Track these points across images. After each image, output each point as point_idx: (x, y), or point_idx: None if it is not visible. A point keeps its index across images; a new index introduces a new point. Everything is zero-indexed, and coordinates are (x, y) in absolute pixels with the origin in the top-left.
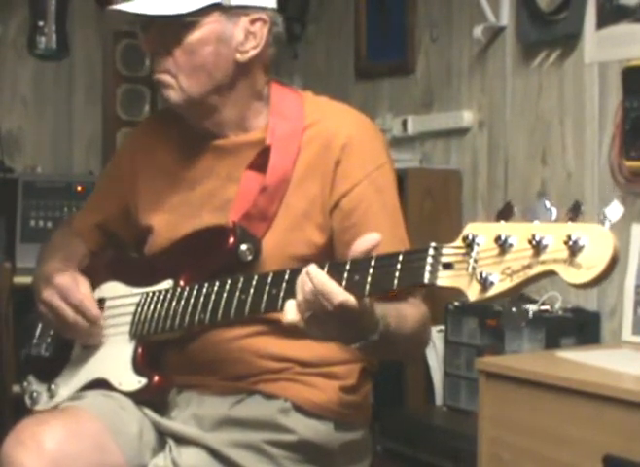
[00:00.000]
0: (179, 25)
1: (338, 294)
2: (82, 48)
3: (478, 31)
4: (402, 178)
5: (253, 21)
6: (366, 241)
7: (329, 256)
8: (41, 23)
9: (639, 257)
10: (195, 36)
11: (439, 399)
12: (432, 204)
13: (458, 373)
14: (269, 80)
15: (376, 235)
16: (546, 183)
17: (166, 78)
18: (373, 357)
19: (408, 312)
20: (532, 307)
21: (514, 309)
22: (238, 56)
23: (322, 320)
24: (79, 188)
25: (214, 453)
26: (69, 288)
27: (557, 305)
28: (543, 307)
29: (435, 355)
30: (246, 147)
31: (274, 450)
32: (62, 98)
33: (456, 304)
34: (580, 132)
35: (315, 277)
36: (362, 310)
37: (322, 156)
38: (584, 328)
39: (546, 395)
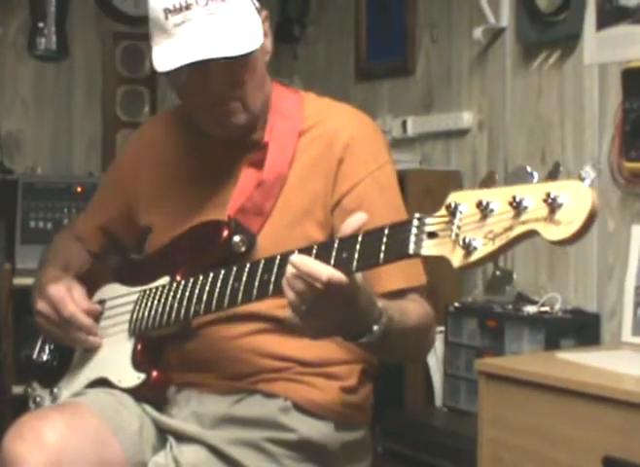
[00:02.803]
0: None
1: (323, 270)
2: (82, 49)
3: (477, 32)
4: (401, 179)
5: (265, 19)
6: (353, 222)
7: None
8: (41, 25)
9: (639, 258)
10: (254, 54)
11: (439, 400)
12: (432, 205)
13: (458, 374)
14: (271, 80)
15: (362, 215)
16: None
17: (237, 105)
18: (378, 355)
19: (412, 308)
20: (532, 308)
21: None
22: (267, 58)
23: (317, 308)
24: (79, 189)
25: (215, 451)
26: (62, 300)
27: (557, 306)
28: (543, 308)
29: (435, 356)
30: (247, 145)
31: (275, 449)
32: (62, 99)
33: (456, 305)
34: (579, 133)
35: (297, 262)
36: (354, 287)
37: (324, 155)
38: (583, 329)
39: (545, 396)
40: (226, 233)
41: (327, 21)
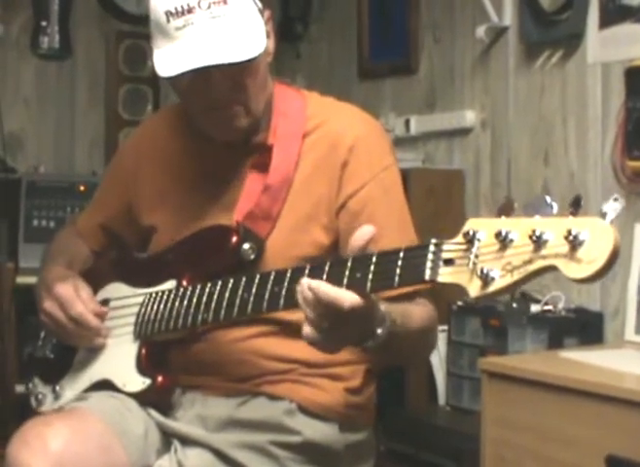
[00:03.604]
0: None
1: (345, 298)
2: (84, 48)
3: (480, 31)
4: (404, 178)
5: (268, 20)
6: (362, 235)
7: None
8: (44, 23)
9: None
10: (257, 57)
11: (441, 399)
12: (435, 204)
13: (461, 373)
14: (273, 80)
15: (370, 228)
16: (548, 183)
17: (239, 109)
18: (381, 359)
19: (415, 311)
20: (535, 307)
21: (515, 305)
22: (269, 59)
23: (336, 327)
24: (81, 188)
25: (219, 454)
26: (69, 299)
27: (560, 305)
28: (546, 307)
29: (438, 355)
30: (251, 148)
31: (279, 452)
32: (65, 98)
33: (459, 304)
34: (582, 132)
35: (318, 289)
36: (369, 307)
37: (329, 157)
38: (587, 328)
39: (548, 395)
40: (235, 239)
41: (329, 20)
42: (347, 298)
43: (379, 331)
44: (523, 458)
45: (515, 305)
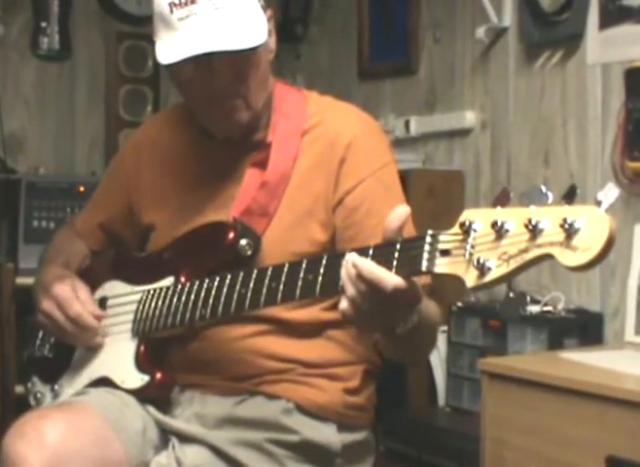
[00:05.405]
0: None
1: (389, 278)
2: (84, 48)
3: (480, 32)
4: (404, 179)
5: (270, 18)
6: (398, 215)
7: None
8: (44, 24)
9: None
10: (258, 50)
11: (441, 400)
12: (434, 205)
13: (461, 373)
14: (274, 79)
15: (406, 207)
16: (548, 184)
17: (239, 102)
18: (402, 351)
19: (431, 303)
20: (535, 308)
21: (514, 306)
22: (270, 57)
23: (377, 308)
24: (81, 188)
25: (217, 452)
26: (67, 299)
27: (560, 306)
28: (546, 308)
29: (438, 356)
30: (250, 145)
31: (277, 449)
32: (65, 99)
33: (459, 304)
34: (582, 133)
35: (363, 267)
36: (410, 290)
37: (326, 154)
38: (587, 329)
39: (548, 396)
40: (231, 235)
41: (329, 21)
42: (391, 279)
43: (413, 316)
44: (523, 459)
45: (514, 305)
